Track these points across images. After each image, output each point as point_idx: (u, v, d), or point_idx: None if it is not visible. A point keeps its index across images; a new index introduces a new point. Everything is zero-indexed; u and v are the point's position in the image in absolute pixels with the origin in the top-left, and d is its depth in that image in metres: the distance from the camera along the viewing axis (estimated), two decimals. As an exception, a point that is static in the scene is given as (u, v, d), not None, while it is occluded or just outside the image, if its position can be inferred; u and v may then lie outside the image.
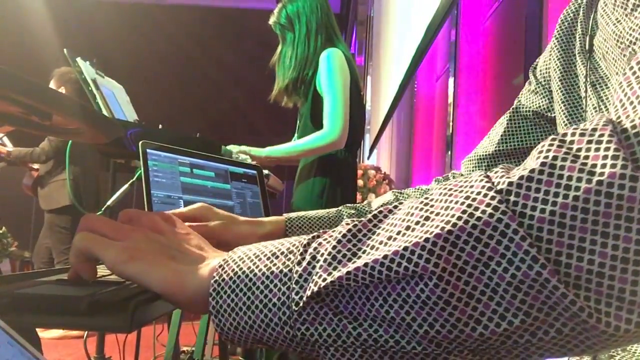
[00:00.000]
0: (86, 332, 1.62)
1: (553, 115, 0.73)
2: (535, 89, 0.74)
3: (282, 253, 0.36)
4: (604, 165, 0.28)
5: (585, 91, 0.56)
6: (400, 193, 0.80)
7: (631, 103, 0.30)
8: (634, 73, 0.32)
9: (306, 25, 1.82)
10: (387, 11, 5.05)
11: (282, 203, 4.15)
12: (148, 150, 0.79)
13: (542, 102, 0.74)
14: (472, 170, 0.83)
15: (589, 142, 0.29)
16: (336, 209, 0.76)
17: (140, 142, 0.79)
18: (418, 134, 4.69)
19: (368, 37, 7.23)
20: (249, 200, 0.96)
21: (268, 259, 0.36)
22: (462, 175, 0.84)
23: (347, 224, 0.35)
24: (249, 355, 1.73)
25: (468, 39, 2.97)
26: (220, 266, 0.37)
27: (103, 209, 1.37)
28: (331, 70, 1.73)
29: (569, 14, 0.65)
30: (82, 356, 1.80)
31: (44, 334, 2.85)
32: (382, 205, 0.76)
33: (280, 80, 1.88)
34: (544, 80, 0.73)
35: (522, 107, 0.76)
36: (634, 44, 0.44)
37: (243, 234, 0.66)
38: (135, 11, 7.18)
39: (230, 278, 0.36)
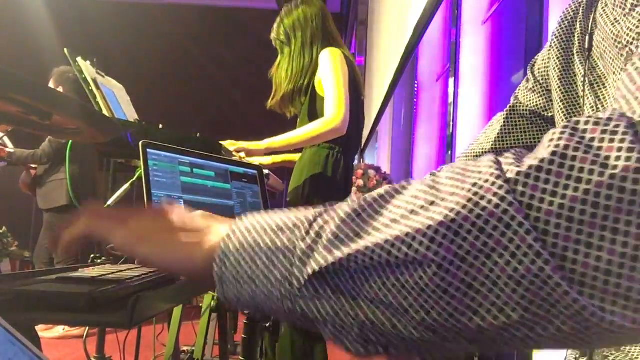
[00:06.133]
0: (86, 332, 1.62)
1: (550, 114, 0.73)
2: (533, 87, 0.74)
3: (288, 227, 0.36)
4: (618, 158, 0.27)
5: (583, 90, 0.56)
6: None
7: (636, 98, 0.30)
8: (637, 69, 0.31)
9: (301, 38, 1.86)
10: (382, 10, 5.05)
11: (282, 203, 4.15)
12: (148, 150, 0.79)
13: (539, 100, 0.73)
14: None
15: (604, 132, 0.28)
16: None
17: (141, 142, 0.79)
18: (418, 134, 4.69)
19: (368, 36, 7.23)
20: (249, 199, 0.96)
21: (273, 231, 0.36)
22: None
23: (353, 201, 0.35)
24: (249, 355, 1.73)
25: (468, 39, 2.97)
26: (227, 235, 0.37)
27: (103, 208, 1.36)
28: (331, 64, 1.74)
29: (569, 13, 0.65)
30: (82, 356, 1.80)
31: (44, 333, 2.85)
32: None
33: (276, 91, 1.91)
34: (542, 79, 0.73)
35: (520, 105, 0.76)
36: (631, 43, 0.45)
37: None
38: (135, 11, 7.18)
39: (236, 249, 0.36)
